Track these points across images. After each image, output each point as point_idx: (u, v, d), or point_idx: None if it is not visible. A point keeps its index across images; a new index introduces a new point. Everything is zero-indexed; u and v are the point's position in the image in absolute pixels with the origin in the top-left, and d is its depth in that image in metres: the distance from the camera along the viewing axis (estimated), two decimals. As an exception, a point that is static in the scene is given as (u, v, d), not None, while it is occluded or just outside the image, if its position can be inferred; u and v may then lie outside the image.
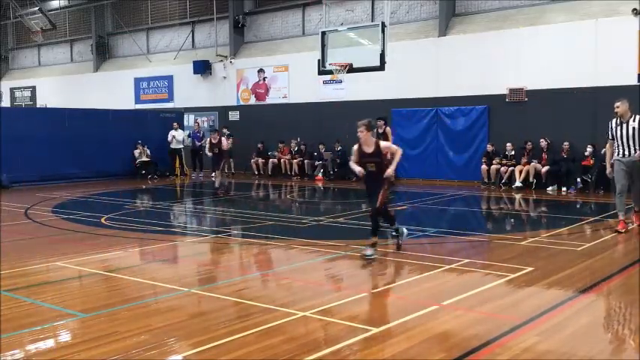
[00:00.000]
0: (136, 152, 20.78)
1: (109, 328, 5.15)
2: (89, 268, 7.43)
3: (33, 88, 30.15)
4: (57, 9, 28.88)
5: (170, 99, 24.75)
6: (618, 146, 9.15)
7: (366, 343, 4.69)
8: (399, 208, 13.77)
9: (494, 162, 16.78)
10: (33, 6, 26.06)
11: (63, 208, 13.10)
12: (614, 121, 9.21)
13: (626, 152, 9.06)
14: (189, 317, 5.44)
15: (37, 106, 28.95)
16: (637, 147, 8.96)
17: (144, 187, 18.75)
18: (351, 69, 14.86)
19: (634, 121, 9.00)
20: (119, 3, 27.04)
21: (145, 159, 20.84)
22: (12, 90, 31.11)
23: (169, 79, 24.81)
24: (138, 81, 25.89)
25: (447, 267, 7.27)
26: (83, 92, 26.94)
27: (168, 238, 9.65)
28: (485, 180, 16.90)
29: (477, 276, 6.92)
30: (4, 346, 4.69)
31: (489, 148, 16.94)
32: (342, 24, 18.25)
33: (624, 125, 9.05)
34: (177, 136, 21.28)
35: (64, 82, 28.45)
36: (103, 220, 11.26)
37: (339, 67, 14.88)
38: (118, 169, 20.16)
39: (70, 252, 8.33)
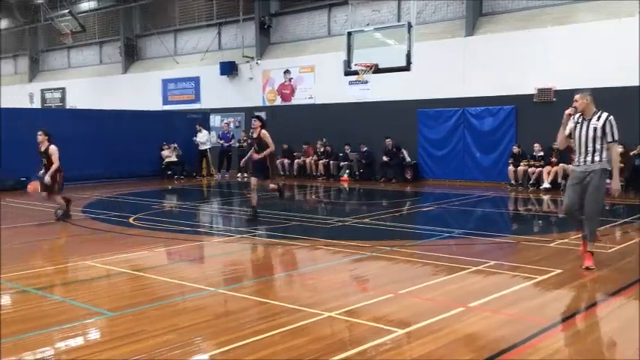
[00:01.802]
0: (164, 153, 21.01)
1: (137, 326, 5.21)
2: (118, 267, 7.53)
3: (63, 90, 30.66)
4: (86, 11, 29.32)
5: (197, 100, 24.96)
6: (576, 151, 7.16)
7: (392, 344, 4.67)
8: (425, 209, 13.70)
9: (521, 163, 16.58)
10: (63, 9, 26.52)
11: (92, 208, 13.28)
12: (576, 116, 7.17)
13: (582, 159, 7.03)
14: (216, 317, 5.47)
15: (67, 107, 29.42)
16: (596, 154, 6.96)
17: (170, 187, 18.93)
18: (376, 69, 14.81)
19: (598, 119, 6.99)
20: (147, 5, 27.36)
21: (174, 159, 21.08)
22: (42, 91, 31.68)
23: (196, 80, 25.02)
24: (165, 82, 26.16)
25: (474, 269, 7.20)
26: (112, 93, 27.30)
27: (195, 238, 9.72)
28: (513, 181, 16.71)
29: (505, 278, 6.84)
30: (34, 344, 4.78)
31: (515, 149, 16.75)
32: (368, 24, 18.21)
33: (584, 124, 7.03)
34: (201, 138, 21.54)
35: (93, 84, 28.87)
36: (131, 220, 11.40)
37: (364, 68, 14.84)
38: (145, 169, 20.38)
39: (99, 251, 8.44)
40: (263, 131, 11.21)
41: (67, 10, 25.44)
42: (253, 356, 4.46)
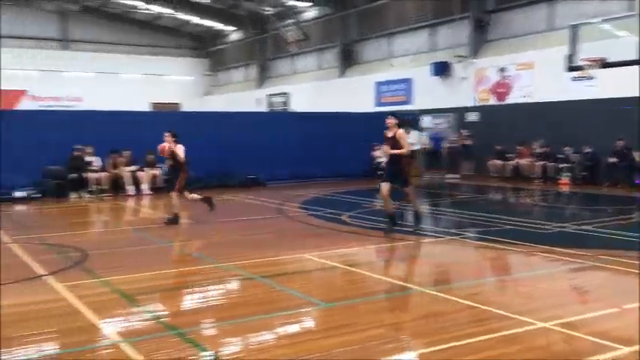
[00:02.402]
0: (375, 153, 21.53)
1: (347, 318, 5.42)
2: (331, 262, 7.90)
3: (286, 94, 32.99)
4: (308, 20, 31.18)
5: (408, 101, 25.17)
6: None
7: (615, 363, 4.27)
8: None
9: None
10: (288, 19, 28.55)
11: (309, 205, 14.10)
12: None
13: None
14: (422, 316, 5.49)
15: (290, 110, 31.60)
16: None
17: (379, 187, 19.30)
18: (604, 64, 13.63)
19: None
20: (363, 11, 28.29)
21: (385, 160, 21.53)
22: (269, 96, 34.40)
23: (408, 81, 25.24)
24: (378, 85, 26.80)
25: None
26: (329, 97, 28.69)
27: (404, 237, 9.80)
28: None
29: None
30: (255, 327, 5.22)
31: None
32: (594, 16, 16.78)
33: None
34: (409, 139, 21.66)
35: (312, 88, 30.64)
36: (344, 217, 11.89)
37: (590, 63, 13.75)
38: (357, 169, 21.06)
39: (315, 245, 8.93)
40: (400, 131, 10.48)
41: (293, 21, 27.28)
42: (462, 358, 4.38)
